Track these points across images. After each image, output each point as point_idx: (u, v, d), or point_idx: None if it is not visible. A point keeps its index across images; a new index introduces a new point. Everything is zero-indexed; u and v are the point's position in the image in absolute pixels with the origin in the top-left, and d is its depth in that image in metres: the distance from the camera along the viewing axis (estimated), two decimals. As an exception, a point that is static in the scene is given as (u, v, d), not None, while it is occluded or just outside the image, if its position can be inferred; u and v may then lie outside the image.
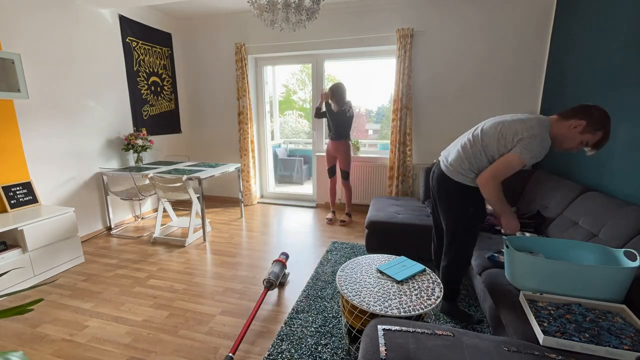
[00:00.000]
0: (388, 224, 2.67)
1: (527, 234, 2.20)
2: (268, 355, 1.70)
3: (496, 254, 1.95)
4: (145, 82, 3.87)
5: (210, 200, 4.62)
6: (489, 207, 2.18)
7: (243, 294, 2.30)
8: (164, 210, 3.49)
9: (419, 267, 1.81)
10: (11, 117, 2.60)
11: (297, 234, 3.42)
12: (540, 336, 1.24)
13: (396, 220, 2.69)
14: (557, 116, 1.58)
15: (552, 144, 1.56)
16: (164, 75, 4.14)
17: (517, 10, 3.19)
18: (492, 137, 1.61)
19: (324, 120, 4.19)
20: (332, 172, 3.76)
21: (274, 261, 2.40)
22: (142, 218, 3.92)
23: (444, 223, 1.91)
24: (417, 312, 1.46)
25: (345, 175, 3.63)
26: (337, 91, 3.35)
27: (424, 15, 3.45)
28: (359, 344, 1.48)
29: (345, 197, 3.77)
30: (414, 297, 1.57)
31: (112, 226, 3.52)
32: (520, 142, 1.52)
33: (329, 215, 3.79)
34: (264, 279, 2.19)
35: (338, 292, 2.26)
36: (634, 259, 1.45)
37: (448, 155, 1.83)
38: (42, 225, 2.47)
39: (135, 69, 3.71)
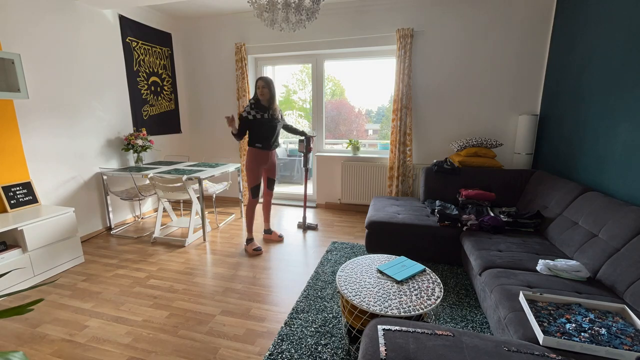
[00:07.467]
0: (388, 224, 2.67)
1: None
2: (268, 355, 1.70)
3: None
4: (145, 82, 3.87)
5: (210, 200, 4.61)
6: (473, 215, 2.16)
7: (243, 294, 2.30)
8: (164, 210, 3.50)
9: (419, 267, 1.81)
10: (11, 117, 2.60)
11: (297, 234, 3.42)
12: (540, 336, 1.24)
13: (396, 220, 2.69)
14: None
15: None
16: (164, 75, 4.14)
17: (517, 10, 3.19)
18: None
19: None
20: (258, 190, 3.01)
21: None
22: (142, 218, 3.91)
23: None
24: (417, 312, 1.46)
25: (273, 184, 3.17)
26: (273, 87, 2.78)
27: (423, 15, 3.46)
28: (359, 344, 1.48)
29: (267, 210, 3.28)
30: (414, 297, 1.57)
31: (112, 226, 3.52)
32: None
33: (256, 245, 3.00)
34: None
35: (338, 292, 2.26)
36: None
37: None
38: (42, 225, 2.47)
39: (135, 69, 3.71)
